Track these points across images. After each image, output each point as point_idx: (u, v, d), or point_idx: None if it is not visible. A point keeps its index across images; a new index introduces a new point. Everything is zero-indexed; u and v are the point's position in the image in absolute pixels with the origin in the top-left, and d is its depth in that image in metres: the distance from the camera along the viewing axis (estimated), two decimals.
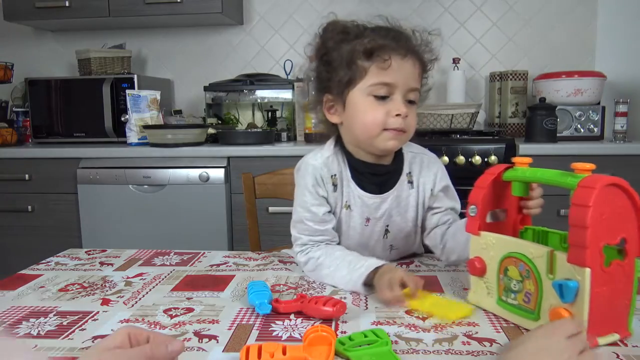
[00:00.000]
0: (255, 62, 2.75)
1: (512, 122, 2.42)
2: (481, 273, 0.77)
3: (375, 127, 0.93)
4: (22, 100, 2.68)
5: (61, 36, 2.86)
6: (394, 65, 0.90)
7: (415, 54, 0.94)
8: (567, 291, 0.63)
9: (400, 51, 0.91)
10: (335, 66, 0.94)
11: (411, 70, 0.93)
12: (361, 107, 0.93)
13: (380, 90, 0.92)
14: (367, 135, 0.94)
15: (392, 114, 0.92)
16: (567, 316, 0.64)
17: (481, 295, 0.78)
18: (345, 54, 0.93)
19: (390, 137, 0.93)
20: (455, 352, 0.65)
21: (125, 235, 2.21)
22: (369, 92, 0.92)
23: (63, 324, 0.75)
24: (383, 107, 0.92)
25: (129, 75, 2.44)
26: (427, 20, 2.60)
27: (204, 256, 1.10)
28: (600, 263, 0.62)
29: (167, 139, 2.18)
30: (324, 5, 2.64)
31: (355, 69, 0.92)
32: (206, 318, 0.77)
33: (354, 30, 0.95)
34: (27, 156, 2.28)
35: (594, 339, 0.64)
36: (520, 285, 0.71)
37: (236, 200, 2.17)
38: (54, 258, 1.10)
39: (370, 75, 0.92)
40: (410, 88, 0.93)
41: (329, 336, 0.63)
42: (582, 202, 0.62)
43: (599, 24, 2.52)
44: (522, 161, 0.76)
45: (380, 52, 0.91)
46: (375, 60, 0.91)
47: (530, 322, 0.70)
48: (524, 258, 0.70)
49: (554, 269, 0.66)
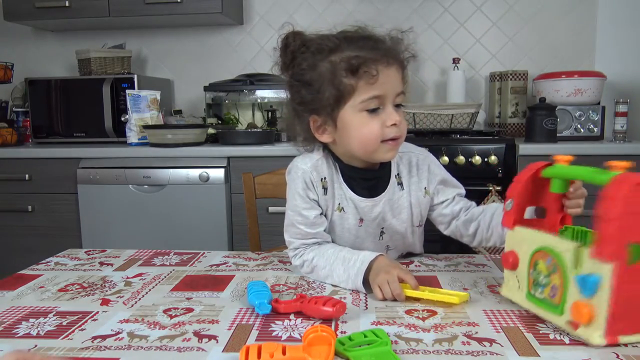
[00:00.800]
0: (255, 62, 2.75)
1: (512, 122, 2.42)
2: (513, 267, 0.78)
3: (373, 141, 0.92)
4: (22, 100, 2.68)
5: (61, 36, 2.86)
6: (380, 77, 0.88)
7: (396, 59, 0.92)
8: (587, 285, 0.63)
9: (383, 61, 0.89)
10: (317, 87, 0.91)
11: (396, 76, 0.91)
12: (355, 124, 0.91)
13: (372, 104, 0.90)
14: (365, 150, 0.93)
15: (388, 124, 0.90)
16: (586, 309, 0.64)
17: (513, 289, 0.79)
18: (327, 73, 0.90)
19: (389, 148, 0.93)
20: (455, 352, 0.65)
21: (125, 235, 2.21)
22: (361, 108, 0.90)
23: (63, 324, 0.75)
24: (377, 119, 0.91)
25: (129, 75, 2.44)
26: (427, 20, 2.60)
27: (204, 256, 1.10)
28: (625, 259, 0.62)
29: (167, 139, 2.18)
30: (324, 5, 2.64)
31: (342, 87, 0.89)
32: (206, 318, 0.77)
33: (326, 45, 0.90)
34: (27, 156, 2.28)
35: (614, 337, 0.63)
36: (548, 279, 0.71)
37: (236, 200, 2.17)
38: (54, 258, 1.10)
39: (359, 91, 0.89)
40: (397, 92, 0.92)
41: (329, 336, 0.63)
42: (611, 194, 0.61)
43: (599, 24, 2.52)
44: (563, 159, 0.76)
45: (365, 67, 0.88)
46: (363, 77, 0.88)
47: (555, 317, 0.70)
48: (552, 252, 0.70)
49: (580, 264, 0.66)
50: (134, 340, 0.69)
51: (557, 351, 0.65)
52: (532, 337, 0.68)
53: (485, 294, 0.85)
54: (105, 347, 0.68)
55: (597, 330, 0.64)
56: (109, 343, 0.69)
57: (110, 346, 0.68)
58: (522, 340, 0.68)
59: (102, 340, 0.69)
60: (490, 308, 0.79)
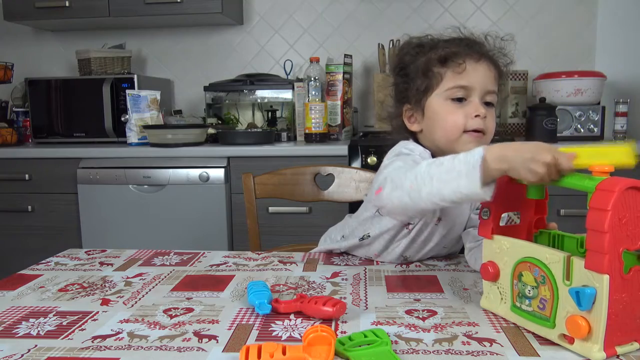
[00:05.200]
0: (255, 62, 2.75)
1: (512, 122, 2.42)
2: (494, 278, 0.75)
3: (455, 130, 0.94)
4: (22, 100, 2.67)
5: (61, 36, 2.86)
6: (468, 69, 0.93)
7: (489, 58, 0.97)
8: (584, 298, 0.61)
9: (474, 55, 0.95)
10: (412, 77, 0.98)
11: (486, 73, 0.95)
12: (440, 111, 0.95)
13: (458, 93, 0.94)
14: (447, 139, 0.95)
15: (471, 115, 0.93)
16: (584, 323, 0.61)
17: (494, 301, 0.76)
18: (421, 64, 0.97)
19: (470, 140, 0.94)
20: (455, 352, 0.65)
21: (125, 235, 2.21)
22: (447, 96, 0.95)
23: (63, 324, 0.75)
24: (462, 110, 0.94)
25: (129, 75, 2.44)
26: (428, 20, 2.60)
27: (204, 256, 1.10)
28: (620, 269, 0.60)
29: (167, 139, 2.18)
30: (324, 5, 2.64)
31: (431, 76, 0.96)
32: (206, 318, 0.77)
33: (428, 43, 0.99)
34: (27, 156, 2.28)
35: (612, 348, 0.62)
36: (535, 291, 0.69)
37: (236, 200, 2.17)
38: (54, 258, 1.10)
39: (446, 80, 0.95)
40: (487, 90, 0.95)
41: (329, 336, 0.63)
42: (600, 206, 0.59)
43: (599, 24, 2.52)
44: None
45: (454, 58, 0.94)
46: (450, 66, 0.94)
47: (547, 330, 0.67)
48: (540, 263, 0.67)
49: (571, 275, 0.64)
50: (134, 340, 0.69)
51: (557, 351, 0.65)
52: (532, 337, 0.68)
53: None
54: (105, 347, 0.68)
55: (595, 345, 0.61)
56: (109, 343, 0.69)
57: (110, 346, 0.68)
58: (522, 340, 0.68)
59: (102, 340, 0.69)
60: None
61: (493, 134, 0.97)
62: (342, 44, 2.64)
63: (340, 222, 1.19)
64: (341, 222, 1.19)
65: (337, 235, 1.14)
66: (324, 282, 0.93)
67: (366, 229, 1.05)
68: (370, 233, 1.04)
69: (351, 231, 1.09)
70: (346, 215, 1.21)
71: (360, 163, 2.05)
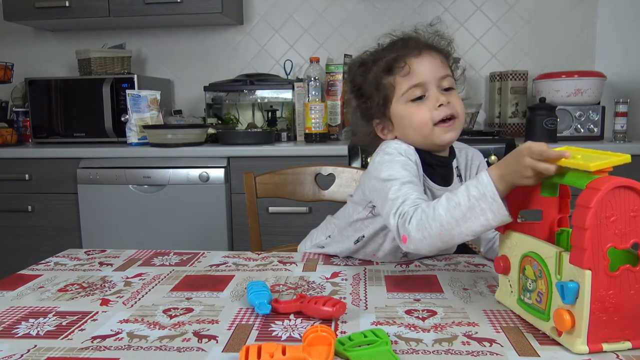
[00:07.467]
0: (255, 62, 2.75)
1: (512, 122, 2.42)
2: (505, 271, 0.78)
3: (425, 126, 0.96)
4: (22, 100, 2.68)
5: (61, 36, 2.86)
6: (413, 67, 0.96)
7: (428, 47, 0.99)
8: (567, 292, 0.63)
9: (413, 52, 0.97)
10: (368, 95, 1.01)
11: (432, 62, 0.97)
12: (405, 115, 0.98)
13: (414, 92, 0.96)
14: (422, 137, 0.97)
15: (435, 107, 0.95)
16: (567, 317, 0.63)
17: (505, 294, 0.79)
18: (372, 81, 1.00)
19: (444, 130, 0.96)
20: (455, 352, 0.65)
21: (125, 235, 2.21)
22: (406, 99, 0.97)
23: (62, 324, 0.75)
24: (424, 106, 0.96)
25: (129, 75, 2.44)
26: (428, 20, 2.59)
27: (204, 256, 1.10)
28: (604, 266, 0.61)
29: (167, 139, 2.18)
30: (324, 5, 2.64)
31: (383, 88, 0.99)
32: (206, 318, 0.77)
33: (369, 59, 1.02)
34: (27, 156, 2.28)
35: (597, 344, 0.63)
36: (534, 284, 0.71)
37: (236, 200, 2.17)
38: (54, 258, 1.10)
39: (398, 86, 0.97)
40: (440, 77, 0.97)
41: (329, 336, 0.63)
42: (584, 203, 0.61)
43: (599, 24, 2.52)
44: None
45: (396, 63, 0.97)
46: (396, 72, 0.97)
47: (542, 323, 0.69)
48: (538, 258, 0.70)
49: (561, 270, 0.66)
50: (133, 341, 0.69)
51: (557, 351, 0.65)
52: (532, 337, 0.68)
53: (485, 294, 0.85)
54: (105, 347, 0.67)
55: (578, 338, 0.63)
56: (108, 343, 0.69)
57: (110, 346, 0.68)
58: (522, 340, 0.68)
59: (101, 340, 0.69)
60: (490, 308, 0.79)
61: (465, 113, 1.00)
62: (342, 44, 2.64)
63: (322, 224, 1.19)
64: (323, 223, 1.19)
65: (322, 235, 1.14)
66: (323, 282, 0.93)
67: (359, 231, 1.05)
68: (364, 234, 1.04)
69: (339, 232, 1.09)
70: (327, 216, 1.20)
71: (360, 163, 2.05)
